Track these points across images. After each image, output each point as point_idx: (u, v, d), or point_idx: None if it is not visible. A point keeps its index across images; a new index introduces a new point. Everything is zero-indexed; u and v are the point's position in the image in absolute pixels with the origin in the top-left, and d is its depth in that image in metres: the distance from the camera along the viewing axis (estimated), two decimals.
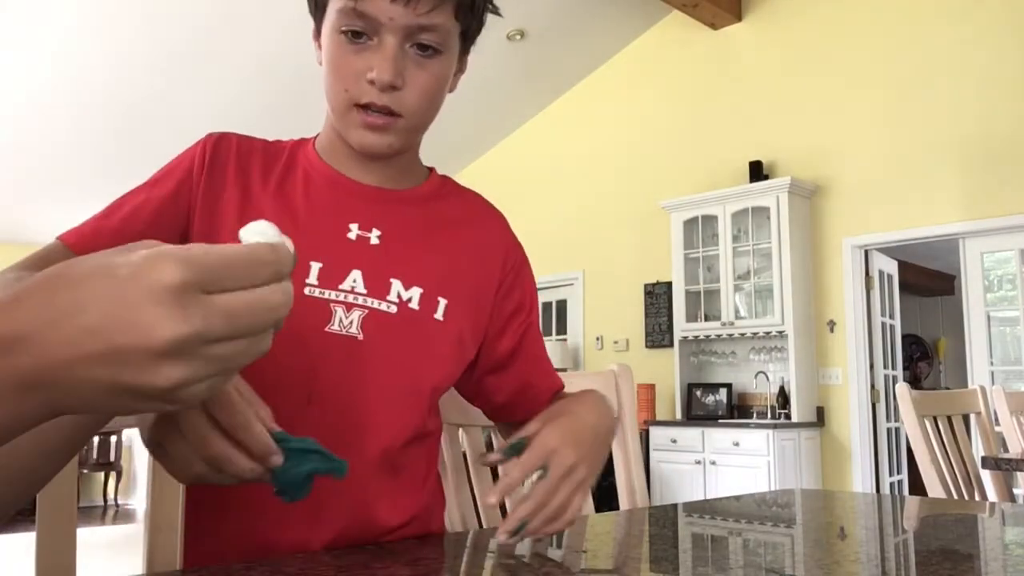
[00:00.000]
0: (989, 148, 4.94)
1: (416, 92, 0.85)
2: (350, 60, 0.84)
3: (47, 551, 0.80)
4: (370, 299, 0.88)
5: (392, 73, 0.83)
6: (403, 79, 0.84)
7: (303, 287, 0.86)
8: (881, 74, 5.40)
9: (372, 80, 0.83)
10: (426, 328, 0.90)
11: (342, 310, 0.87)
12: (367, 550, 0.79)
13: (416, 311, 0.90)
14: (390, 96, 0.84)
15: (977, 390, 2.37)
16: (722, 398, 5.86)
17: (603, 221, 6.83)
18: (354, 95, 0.85)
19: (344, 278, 0.88)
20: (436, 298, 0.91)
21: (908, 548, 0.88)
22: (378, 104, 0.84)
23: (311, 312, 0.86)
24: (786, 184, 5.45)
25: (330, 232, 0.90)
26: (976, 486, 2.19)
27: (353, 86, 0.85)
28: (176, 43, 5.45)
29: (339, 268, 0.88)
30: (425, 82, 0.86)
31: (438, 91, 0.89)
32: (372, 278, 0.88)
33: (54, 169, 6.72)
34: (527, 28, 6.19)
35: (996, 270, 5.21)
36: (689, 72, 6.42)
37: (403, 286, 0.89)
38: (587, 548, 0.87)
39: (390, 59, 0.83)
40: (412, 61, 0.85)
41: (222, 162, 0.91)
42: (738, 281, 5.76)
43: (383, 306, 0.88)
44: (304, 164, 0.94)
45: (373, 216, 0.92)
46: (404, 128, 0.88)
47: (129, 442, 8.67)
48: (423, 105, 0.87)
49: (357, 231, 0.91)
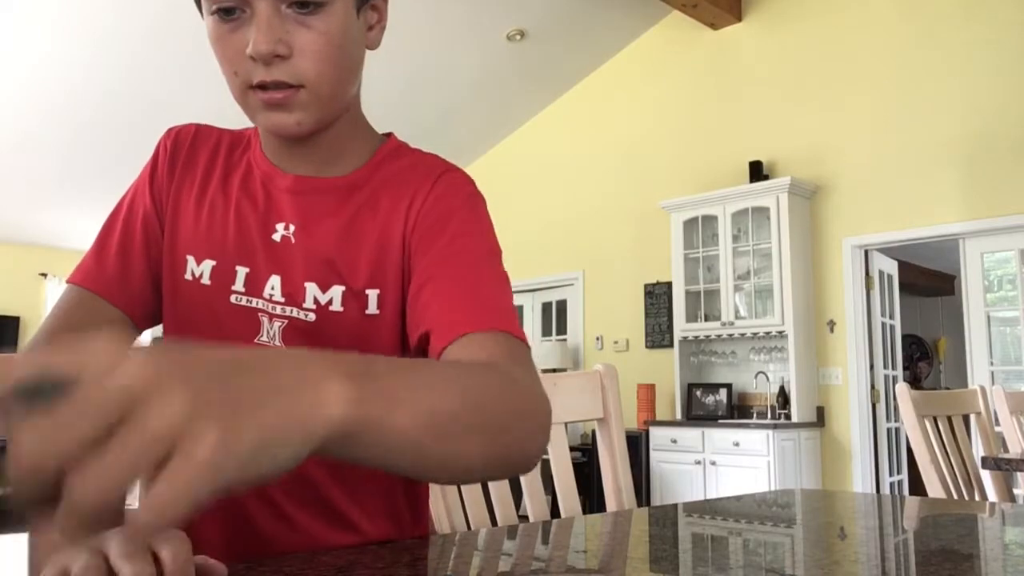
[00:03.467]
0: (989, 148, 4.94)
1: (308, 57, 0.75)
2: (229, 41, 0.76)
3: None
4: (287, 308, 0.82)
5: (269, 42, 0.73)
6: (287, 46, 0.75)
7: (229, 294, 0.83)
8: (881, 74, 5.40)
9: (251, 55, 0.74)
10: (356, 328, 0.83)
11: (266, 319, 0.83)
12: (367, 550, 0.79)
13: (340, 313, 0.83)
14: (279, 68, 0.75)
15: (977, 390, 2.37)
16: (722, 398, 5.86)
17: (603, 221, 6.83)
18: (244, 77, 0.76)
19: (264, 285, 0.83)
20: (364, 292, 0.83)
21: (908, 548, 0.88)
22: (268, 80, 0.75)
23: (241, 322, 0.83)
24: (786, 184, 5.45)
25: (258, 233, 0.85)
26: (976, 486, 2.19)
27: (240, 67, 0.76)
28: (178, 45, 5.44)
29: (262, 273, 0.83)
30: (314, 43, 0.75)
31: (336, 50, 0.77)
32: (288, 284, 0.83)
33: (55, 171, 6.72)
34: (527, 28, 6.19)
35: (996, 270, 5.21)
36: (689, 72, 6.42)
37: (320, 289, 0.82)
38: (587, 548, 0.87)
39: (264, 27, 0.73)
40: (293, 23, 0.75)
41: (178, 154, 0.89)
42: (738, 281, 5.76)
43: (300, 314, 0.82)
44: (248, 157, 0.89)
45: (297, 211, 0.85)
46: (310, 100, 0.77)
47: None
48: (322, 69, 0.76)
49: (282, 231, 0.84)
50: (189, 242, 0.85)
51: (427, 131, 6.50)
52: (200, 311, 0.84)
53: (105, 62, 5.50)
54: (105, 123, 6.13)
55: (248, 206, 0.86)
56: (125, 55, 5.47)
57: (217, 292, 0.84)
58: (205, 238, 0.85)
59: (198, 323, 0.84)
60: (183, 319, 0.85)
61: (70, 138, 6.27)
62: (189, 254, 0.85)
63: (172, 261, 0.86)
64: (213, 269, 0.84)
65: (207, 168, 0.88)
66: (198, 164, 0.88)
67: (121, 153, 6.53)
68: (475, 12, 5.66)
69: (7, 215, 7.46)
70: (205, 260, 0.84)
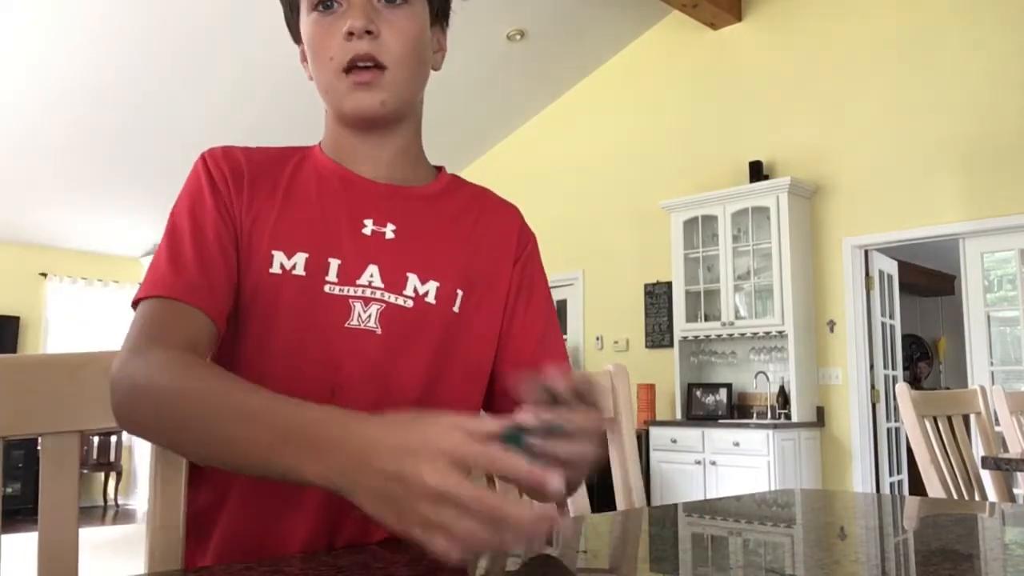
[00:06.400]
0: (989, 148, 4.94)
1: (394, 37, 0.89)
2: (328, 30, 0.89)
3: (49, 552, 0.80)
4: (387, 293, 0.89)
5: (364, 18, 0.87)
6: (377, 27, 0.88)
7: (323, 285, 0.88)
8: (881, 74, 5.40)
9: (349, 30, 0.87)
10: (443, 321, 0.91)
11: (360, 305, 0.88)
12: (367, 550, 0.79)
13: (432, 305, 0.91)
14: (369, 43, 0.87)
15: (977, 390, 2.37)
16: (722, 398, 5.86)
17: (603, 221, 6.83)
18: (338, 60, 0.88)
19: (361, 273, 0.89)
20: (454, 291, 0.92)
21: (908, 548, 0.88)
22: (360, 54, 0.87)
23: (331, 309, 0.88)
24: (786, 184, 5.45)
25: (345, 229, 0.91)
26: (976, 486, 2.19)
27: (336, 51, 0.88)
28: (177, 46, 5.45)
29: (356, 264, 0.89)
30: (401, 27, 0.89)
31: (415, 41, 0.91)
32: (389, 272, 0.90)
33: (55, 171, 6.72)
34: (527, 28, 6.19)
35: (996, 270, 5.21)
36: (689, 72, 6.42)
37: (419, 280, 0.91)
38: (587, 548, 0.87)
39: (359, 11, 0.87)
40: (383, 12, 0.89)
41: (238, 168, 0.91)
42: (738, 281, 5.76)
43: (400, 300, 0.89)
44: (313, 165, 0.96)
45: (387, 211, 0.93)
46: (392, 82, 0.89)
47: (129, 442, 8.67)
48: (404, 52, 0.90)
49: (372, 226, 0.92)
50: (275, 239, 0.89)
51: (427, 131, 6.43)
52: (287, 302, 0.87)
53: (104, 62, 5.50)
54: (105, 123, 6.13)
55: (329, 206, 0.92)
56: (124, 55, 5.47)
57: (311, 282, 0.88)
58: (293, 234, 0.90)
59: (284, 313, 0.87)
60: (265, 312, 0.88)
61: (70, 138, 6.27)
62: (276, 250, 0.88)
63: (254, 259, 0.89)
64: (307, 261, 0.89)
65: (274, 175, 0.93)
66: (264, 172, 0.93)
67: (121, 153, 6.53)
68: (475, 12, 5.65)
69: (7, 215, 7.46)
70: (297, 253, 0.89)
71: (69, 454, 0.83)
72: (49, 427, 0.82)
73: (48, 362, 0.83)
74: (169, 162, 6.66)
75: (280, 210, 0.91)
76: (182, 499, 0.86)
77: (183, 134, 6.30)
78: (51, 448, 0.82)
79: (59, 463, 0.82)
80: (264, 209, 0.90)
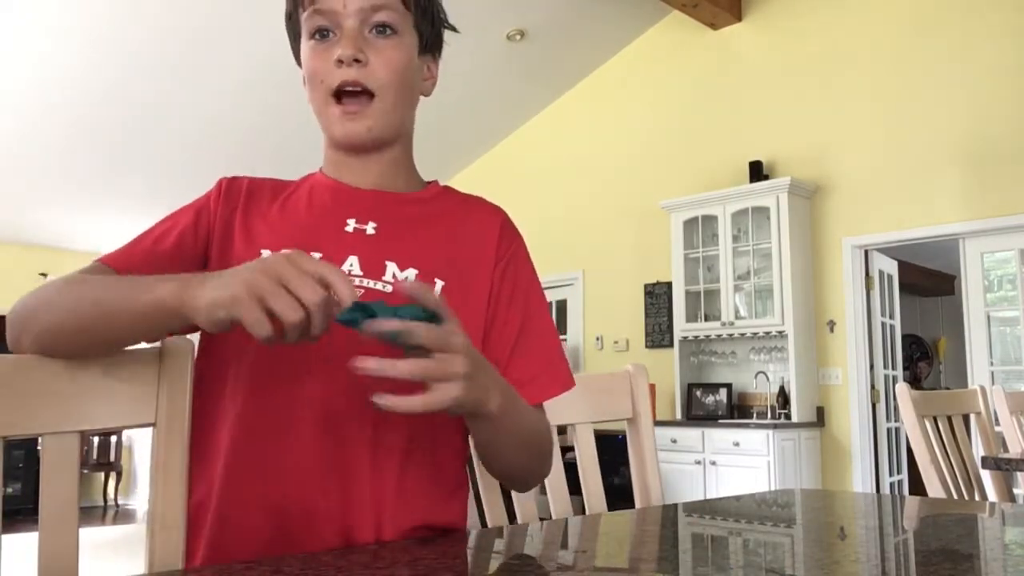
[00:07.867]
0: (989, 148, 4.94)
1: (381, 65, 0.94)
2: (322, 56, 0.94)
3: (49, 552, 0.80)
4: (366, 280, 0.92)
5: (353, 47, 0.92)
6: (366, 56, 0.93)
7: None
8: (881, 74, 5.40)
9: (339, 59, 0.92)
10: None
11: None
12: (367, 550, 0.79)
13: None
14: (358, 70, 0.92)
15: (977, 390, 2.37)
16: (722, 398, 5.86)
17: (603, 221, 6.83)
18: (328, 83, 0.94)
19: (341, 264, 0.93)
20: (432, 279, 0.94)
21: (908, 548, 0.88)
22: (348, 80, 0.92)
23: None
24: (786, 184, 5.45)
25: (328, 228, 0.96)
26: (976, 486, 2.19)
27: (327, 75, 0.94)
28: (178, 46, 5.45)
29: (336, 255, 0.93)
30: (388, 56, 0.94)
31: (402, 69, 0.96)
32: (368, 262, 0.94)
33: (55, 171, 6.72)
34: (527, 28, 6.19)
35: (996, 270, 5.21)
36: (689, 72, 6.42)
37: (398, 267, 0.94)
38: (587, 548, 0.87)
39: (349, 40, 0.93)
40: (372, 41, 0.94)
41: (234, 198, 0.99)
42: (738, 281, 5.76)
43: (378, 285, 0.92)
44: (311, 183, 1.03)
45: (370, 212, 0.98)
46: (379, 111, 0.95)
47: (129, 442, 8.68)
48: (391, 79, 0.94)
49: (355, 224, 0.97)
50: (265, 240, 0.96)
51: (427, 131, 6.46)
52: None
53: (105, 62, 5.50)
54: (105, 123, 6.13)
55: (315, 212, 0.99)
56: (125, 55, 5.47)
57: None
58: (281, 235, 0.97)
59: None
60: None
61: (70, 138, 6.27)
62: (264, 248, 0.94)
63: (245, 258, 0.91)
64: None
65: (275, 192, 1.02)
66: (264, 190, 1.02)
67: (121, 153, 6.53)
68: (475, 12, 5.65)
69: (7, 215, 7.46)
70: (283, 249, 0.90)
71: (69, 454, 0.83)
72: (49, 427, 0.82)
73: (48, 362, 0.83)
74: (169, 162, 6.66)
75: (274, 218, 0.98)
76: (182, 499, 0.86)
77: (183, 134, 6.29)
78: (51, 448, 0.82)
79: (59, 463, 0.82)
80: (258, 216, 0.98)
